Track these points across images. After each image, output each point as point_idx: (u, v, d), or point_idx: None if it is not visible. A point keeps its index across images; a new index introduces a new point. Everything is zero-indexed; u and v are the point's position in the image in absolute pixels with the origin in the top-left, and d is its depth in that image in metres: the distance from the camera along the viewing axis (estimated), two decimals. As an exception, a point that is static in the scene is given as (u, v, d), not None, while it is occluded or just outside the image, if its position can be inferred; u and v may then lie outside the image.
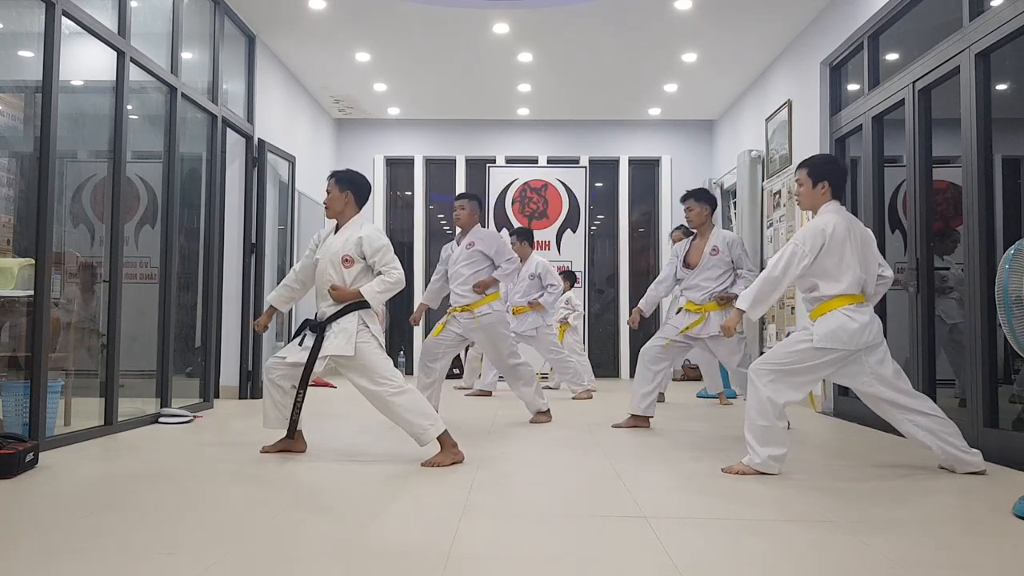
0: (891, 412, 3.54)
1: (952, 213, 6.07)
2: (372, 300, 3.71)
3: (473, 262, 5.07)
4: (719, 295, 4.88)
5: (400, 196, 10.04)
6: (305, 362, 3.69)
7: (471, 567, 2.14)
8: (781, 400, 3.47)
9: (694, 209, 5.09)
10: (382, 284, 3.73)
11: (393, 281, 3.75)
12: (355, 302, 3.72)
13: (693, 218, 5.10)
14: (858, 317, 3.46)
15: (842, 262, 3.49)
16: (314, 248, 3.99)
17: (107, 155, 4.77)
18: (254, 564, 2.16)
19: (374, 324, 3.76)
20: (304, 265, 3.99)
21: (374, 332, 3.72)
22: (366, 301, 3.72)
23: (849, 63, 5.95)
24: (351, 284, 3.77)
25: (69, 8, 4.08)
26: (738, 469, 3.48)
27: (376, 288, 3.72)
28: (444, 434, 3.63)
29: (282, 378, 3.79)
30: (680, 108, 9.07)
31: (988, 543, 2.47)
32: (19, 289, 3.94)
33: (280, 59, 7.54)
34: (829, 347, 3.45)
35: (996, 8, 3.96)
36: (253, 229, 6.73)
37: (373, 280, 3.76)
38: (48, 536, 2.39)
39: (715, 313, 4.87)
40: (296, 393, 3.79)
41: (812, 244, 3.49)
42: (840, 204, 3.64)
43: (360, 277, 3.79)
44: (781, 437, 3.45)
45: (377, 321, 3.81)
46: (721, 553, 2.32)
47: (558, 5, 6.27)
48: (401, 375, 3.72)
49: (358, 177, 4.02)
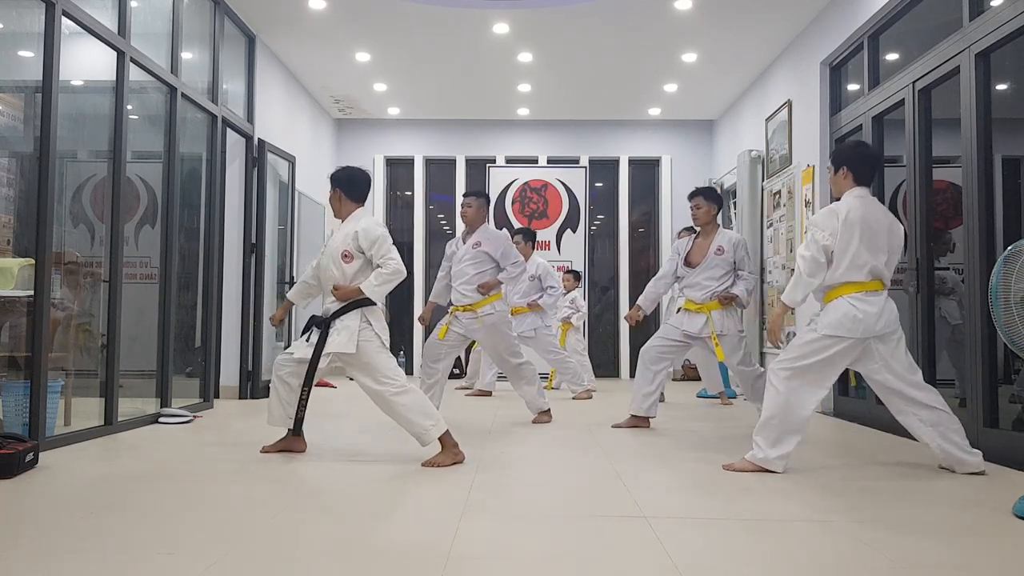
0: (897, 403, 3.53)
1: (952, 213, 6.06)
2: (372, 295, 3.70)
3: (478, 262, 5.04)
4: (721, 294, 4.87)
5: (400, 196, 10.04)
6: (310, 359, 3.69)
7: (471, 567, 2.14)
8: (807, 409, 3.44)
9: (702, 207, 5.07)
10: (379, 277, 3.70)
11: (390, 272, 3.71)
12: (357, 299, 3.72)
13: (700, 216, 5.08)
14: (862, 306, 3.43)
15: (847, 248, 3.45)
16: (324, 245, 4.00)
17: (107, 155, 4.77)
18: (254, 564, 2.16)
19: (379, 322, 3.75)
20: (319, 262, 4.00)
21: (377, 330, 3.71)
22: (368, 298, 3.71)
23: (849, 63, 5.95)
24: (352, 280, 3.76)
25: (69, 8, 4.07)
26: (740, 466, 3.48)
27: (373, 282, 3.70)
28: (445, 434, 3.62)
29: (291, 375, 3.78)
30: (680, 108, 9.07)
31: (988, 543, 2.47)
32: (19, 289, 3.94)
33: (280, 59, 7.54)
34: (835, 335, 3.43)
35: (996, 8, 3.96)
36: (253, 229, 6.73)
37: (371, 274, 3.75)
38: (48, 536, 2.39)
39: (716, 312, 4.85)
40: (301, 391, 3.79)
41: (828, 227, 3.47)
42: (866, 190, 3.61)
43: (361, 272, 3.78)
44: (791, 439, 3.45)
45: (383, 319, 3.80)
46: (721, 553, 2.32)
47: (558, 5, 6.27)
48: (403, 374, 3.72)
49: (346, 172, 3.98)
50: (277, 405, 3.83)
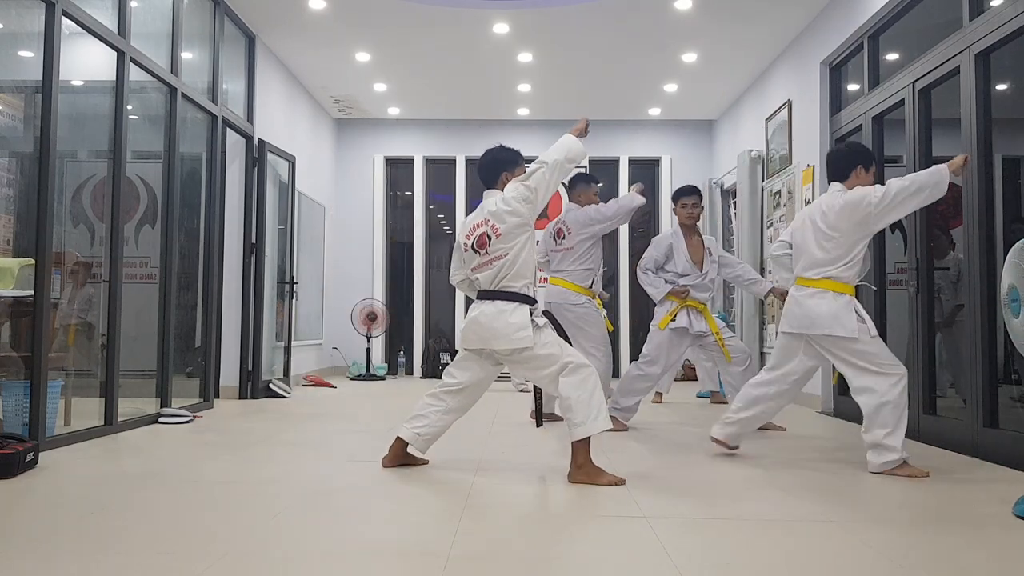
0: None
1: (952, 213, 6.06)
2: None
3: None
4: (778, 291, 4.80)
5: (400, 196, 10.04)
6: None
7: (471, 567, 2.14)
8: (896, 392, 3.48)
9: (699, 206, 5.08)
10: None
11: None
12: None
13: (698, 215, 5.08)
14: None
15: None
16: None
17: (107, 155, 4.76)
18: (254, 564, 2.16)
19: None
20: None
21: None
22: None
23: (849, 63, 5.95)
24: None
25: (69, 8, 4.07)
26: (907, 472, 3.44)
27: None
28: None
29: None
30: (680, 108, 9.07)
31: (988, 543, 2.47)
32: (19, 289, 3.94)
33: (280, 59, 7.54)
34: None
35: (996, 8, 3.96)
36: (253, 229, 6.73)
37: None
38: (48, 536, 2.39)
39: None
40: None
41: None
42: (839, 184, 3.70)
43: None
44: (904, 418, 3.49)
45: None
46: (721, 553, 2.32)
47: (558, 5, 6.27)
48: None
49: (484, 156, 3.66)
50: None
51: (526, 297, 3.33)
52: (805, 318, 3.58)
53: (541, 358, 3.27)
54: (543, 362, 3.28)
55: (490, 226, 3.33)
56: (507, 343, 3.26)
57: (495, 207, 3.34)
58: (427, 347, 9.41)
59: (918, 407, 4.53)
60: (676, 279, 4.97)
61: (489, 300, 3.34)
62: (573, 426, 3.23)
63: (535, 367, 3.31)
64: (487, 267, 3.33)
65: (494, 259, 3.31)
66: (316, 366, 8.89)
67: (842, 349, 3.52)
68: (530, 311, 3.31)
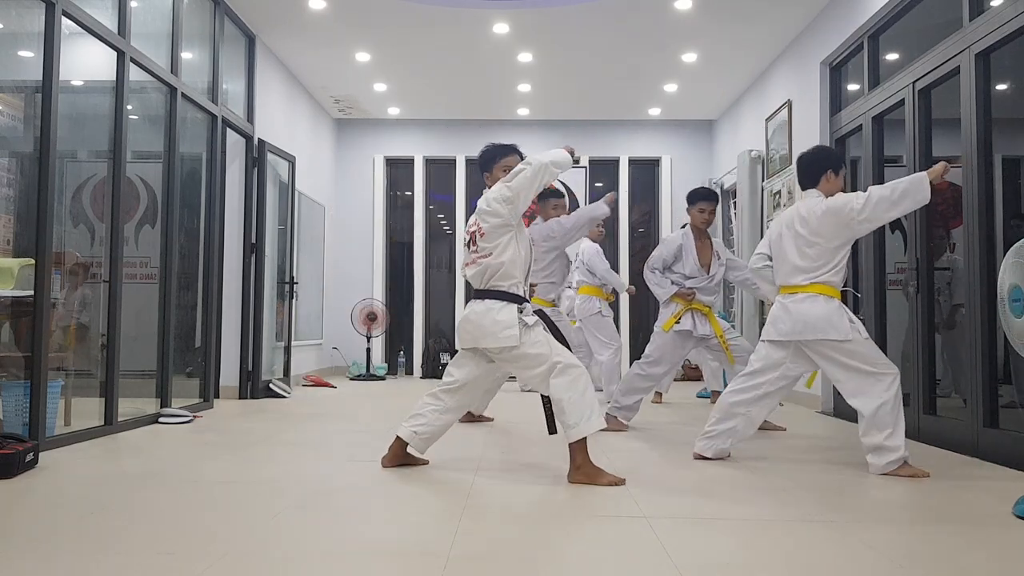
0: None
1: (952, 213, 6.06)
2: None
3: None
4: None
5: (400, 196, 10.04)
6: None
7: (471, 567, 2.14)
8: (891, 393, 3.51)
9: (714, 212, 5.05)
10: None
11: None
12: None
13: (712, 221, 5.05)
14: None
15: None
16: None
17: (107, 155, 4.77)
18: (254, 564, 2.16)
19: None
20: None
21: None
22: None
23: (849, 63, 5.94)
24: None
25: (69, 8, 4.07)
26: (908, 472, 3.45)
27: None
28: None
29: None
30: (680, 108, 9.07)
31: (988, 543, 2.47)
32: (19, 289, 3.94)
33: (280, 59, 7.54)
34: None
35: (996, 8, 3.96)
36: (253, 229, 6.73)
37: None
38: (48, 536, 2.39)
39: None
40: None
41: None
42: (816, 191, 3.70)
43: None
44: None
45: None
46: (721, 553, 2.32)
47: (558, 5, 6.27)
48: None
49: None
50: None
51: (515, 296, 3.35)
52: (797, 324, 3.55)
53: (530, 357, 3.28)
54: (532, 361, 3.28)
55: (477, 225, 3.40)
56: (494, 341, 3.29)
57: (482, 206, 3.42)
58: (427, 347, 9.41)
59: (918, 407, 4.53)
60: (683, 281, 4.92)
61: (479, 299, 3.38)
62: (567, 428, 3.24)
63: (524, 366, 3.32)
64: (474, 265, 3.40)
65: (479, 257, 3.37)
66: (316, 366, 8.89)
67: (837, 352, 3.52)
68: (519, 310, 3.32)
